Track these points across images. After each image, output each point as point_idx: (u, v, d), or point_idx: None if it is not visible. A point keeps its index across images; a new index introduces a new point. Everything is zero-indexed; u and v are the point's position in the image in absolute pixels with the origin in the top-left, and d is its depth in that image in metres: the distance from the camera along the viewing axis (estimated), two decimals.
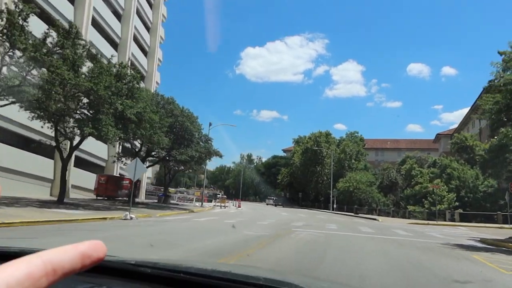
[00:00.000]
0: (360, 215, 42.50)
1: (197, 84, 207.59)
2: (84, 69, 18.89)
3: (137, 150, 28.67)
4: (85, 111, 19.54)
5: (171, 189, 56.90)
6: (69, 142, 21.77)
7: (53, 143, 21.11)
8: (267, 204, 65.88)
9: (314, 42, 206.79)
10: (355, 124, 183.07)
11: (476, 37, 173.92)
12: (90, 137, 25.76)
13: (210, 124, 38.78)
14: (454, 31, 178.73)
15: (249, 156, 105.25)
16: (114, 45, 38.32)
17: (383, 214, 45.60)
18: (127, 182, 35.44)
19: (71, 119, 20.14)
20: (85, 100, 19.29)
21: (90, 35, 32.28)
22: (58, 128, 20.31)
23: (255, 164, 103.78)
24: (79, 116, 19.70)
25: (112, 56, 22.48)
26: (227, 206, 40.03)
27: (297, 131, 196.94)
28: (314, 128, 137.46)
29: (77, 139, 21.34)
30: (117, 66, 20.72)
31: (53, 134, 20.69)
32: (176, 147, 26.75)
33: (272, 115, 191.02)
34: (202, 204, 37.78)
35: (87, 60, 19.72)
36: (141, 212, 20.63)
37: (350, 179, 54.18)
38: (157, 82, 51.70)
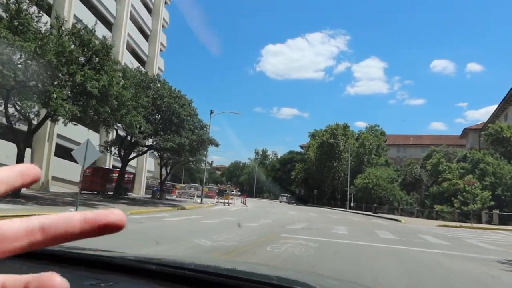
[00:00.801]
0: (379, 214, 37.86)
1: (217, 81, 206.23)
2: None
3: (125, 136, 25.17)
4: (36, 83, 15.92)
5: (178, 185, 53.53)
6: (28, 124, 18.23)
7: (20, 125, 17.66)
8: (280, 202, 61.78)
9: (335, 38, 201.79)
10: (376, 122, 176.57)
11: (503, 31, 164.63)
12: (77, 124, 22.56)
13: (211, 112, 35.07)
14: (480, 26, 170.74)
15: (264, 151, 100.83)
16: (108, 24, 34.93)
17: (405, 214, 40.77)
18: (117, 175, 32.11)
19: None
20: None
21: (77, 11, 28.93)
22: (10, 105, 16.79)
23: (270, 160, 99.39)
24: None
25: (104, 37, 18.96)
26: (231, 203, 36.14)
27: (317, 128, 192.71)
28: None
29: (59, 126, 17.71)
30: (81, 31, 17.02)
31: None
32: (162, 133, 23.00)
33: (292, 113, 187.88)
34: (201, 200, 34.03)
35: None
36: (108, 209, 16.92)
37: (370, 175, 49.35)
38: (159, 69, 48.19)
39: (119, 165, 39.53)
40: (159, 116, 23.40)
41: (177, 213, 19.52)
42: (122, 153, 26.28)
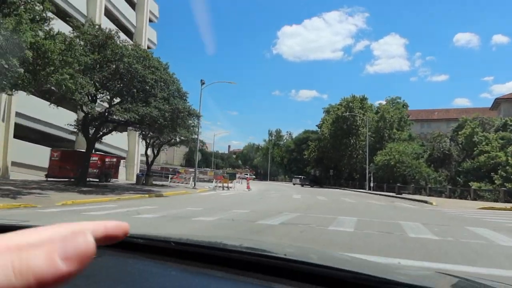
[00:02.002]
0: (404, 195, 32.37)
1: (234, 66, 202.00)
2: None
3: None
4: None
5: (182, 169, 49.01)
6: None
7: None
8: (294, 184, 56.85)
9: (353, 16, 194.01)
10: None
11: None
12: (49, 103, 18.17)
13: (202, 83, 30.09)
14: None
15: (278, 132, 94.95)
16: None
17: (434, 194, 35.13)
18: (96, 159, 27.81)
19: None
20: None
21: None
22: None
23: (284, 141, 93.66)
24: None
25: None
26: (231, 187, 31.44)
27: (332, 103, 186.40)
28: None
29: None
30: None
31: None
32: (121, 102, 18.24)
33: (311, 95, 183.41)
34: (194, 185, 29.42)
35: None
36: (45, 198, 12.69)
37: (391, 151, 43.52)
38: (151, 41, 43.19)
39: (106, 148, 35.50)
40: (121, 82, 18.58)
41: (136, 202, 14.88)
42: (90, 133, 21.72)
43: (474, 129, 37.47)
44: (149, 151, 30.60)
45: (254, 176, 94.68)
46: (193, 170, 54.13)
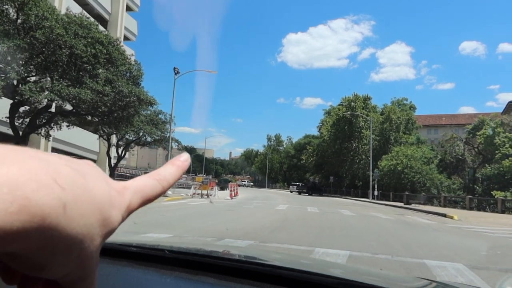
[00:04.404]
0: (413, 205, 27.35)
1: (238, 73, 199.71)
2: None
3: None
4: None
5: None
6: None
7: None
8: (291, 192, 51.85)
9: (359, 24, 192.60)
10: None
11: None
12: None
13: (176, 72, 25.36)
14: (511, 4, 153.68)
15: (278, 137, 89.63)
16: None
17: (449, 205, 30.10)
18: None
19: None
20: None
21: None
22: None
23: (284, 146, 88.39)
24: None
25: None
26: (211, 195, 26.50)
27: (334, 105, 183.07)
28: None
29: None
30: None
31: None
32: (38, 79, 13.60)
33: (316, 102, 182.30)
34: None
35: None
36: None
37: (398, 155, 38.49)
38: (130, 31, 38.75)
39: (71, 149, 30.79)
40: (40, 54, 13.93)
41: None
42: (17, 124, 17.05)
43: (495, 129, 32.38)
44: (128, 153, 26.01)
45: (252, 183, 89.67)
46: (185, 176, 49.61)
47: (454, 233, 11.81)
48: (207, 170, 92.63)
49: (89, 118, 18.60)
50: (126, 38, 38.51)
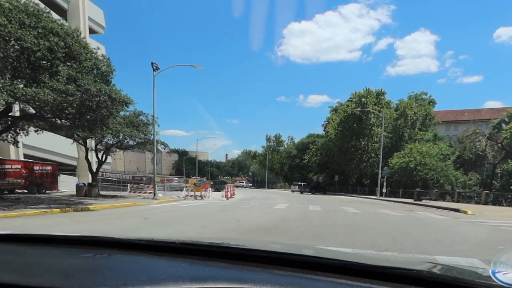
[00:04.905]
0: (425, 202, 25.74)
1: (233, 70, 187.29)
2: None
3: None
4: None
5: (158, 177, 41.84)
6: None
7: None
8: (293, 191, 50.42)
9: (376, 9, 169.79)
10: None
11: None
12: None
13: (154, 68, 23.02)
14: None
15: (277, 137, 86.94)
16: None
17: (462, 200, 28.47)
18: (19, 167, 22.42)
19: None
20: None
21: None
22: None
23: (285, 146, 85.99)
24: None
25: None
26: (204, 197, 25.09)
27: (342, 102, 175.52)
28: None
29: None
30: None
31: None
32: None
33: (321, 100, 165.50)
34: (154, 195, 23.19)
35: None
36: None
37: (411, 152, 36.74)
38: (95, 22, 36.04)
39: (48, 156, 29.26)
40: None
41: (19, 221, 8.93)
42: None
43: None
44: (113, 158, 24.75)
45: (250, 184, 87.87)
46: (177, 178, 47.85)
47: (467, 228, 10.44)
48: (202, 172, 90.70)
49: (58, 121, 17.23)
50: (92, 31, 35.65)
